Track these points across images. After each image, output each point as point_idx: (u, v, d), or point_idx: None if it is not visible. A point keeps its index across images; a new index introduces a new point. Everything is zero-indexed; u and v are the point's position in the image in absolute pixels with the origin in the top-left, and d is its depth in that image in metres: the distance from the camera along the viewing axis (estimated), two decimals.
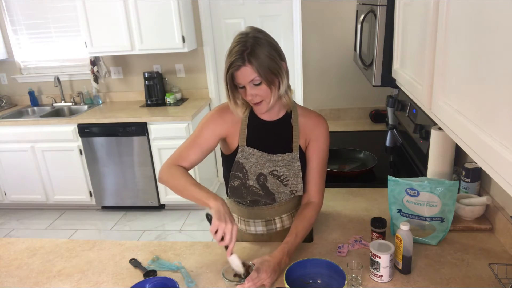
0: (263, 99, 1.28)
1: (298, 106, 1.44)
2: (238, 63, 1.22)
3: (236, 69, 1.23)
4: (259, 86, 1.25)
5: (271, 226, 1.47)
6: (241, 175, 1.39)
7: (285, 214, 1.47)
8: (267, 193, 1.41)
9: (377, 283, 1.20)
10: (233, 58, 1.22)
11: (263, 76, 1.23)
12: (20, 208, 3.95)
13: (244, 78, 1.24)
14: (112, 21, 3.41)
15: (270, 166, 1.37)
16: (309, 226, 1.37)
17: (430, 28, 0.98)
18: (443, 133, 1.52)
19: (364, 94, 3.24)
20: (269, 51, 1.23)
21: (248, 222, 1.49)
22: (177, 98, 3.80)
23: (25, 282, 1.34)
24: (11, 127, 3.58)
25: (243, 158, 1.38)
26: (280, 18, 3.57)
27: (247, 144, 1.39)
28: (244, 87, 1.27)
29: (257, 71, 1.22)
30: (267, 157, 1.37)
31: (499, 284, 1.15)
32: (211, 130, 1.39)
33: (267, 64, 1.23)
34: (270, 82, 1.25)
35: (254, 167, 1.38)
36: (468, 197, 1.49)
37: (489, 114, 0.69)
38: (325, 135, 1.42)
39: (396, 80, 1.47)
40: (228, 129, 1.40)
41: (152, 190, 3.59)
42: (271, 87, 1.26)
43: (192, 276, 1.29)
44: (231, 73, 1.24)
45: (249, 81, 1.24)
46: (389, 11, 1.48)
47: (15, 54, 4.06)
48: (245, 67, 1.22)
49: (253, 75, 1.23)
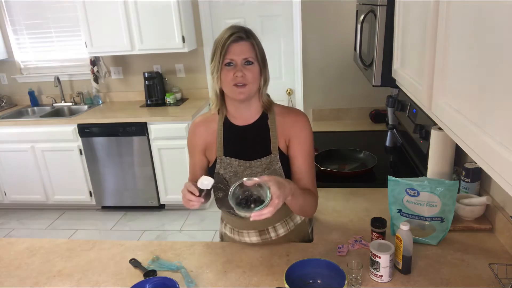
0: (249, 83, 1.24)
1: (276, 106, 1.39)
2: (240, 34, 1.22)
3: (236, 40, 1.21)
4: (250, 67, 1.24)
5: (265, 236, 1.44)
6: (223, 186, 1.36)
7: (278, 222, 1.43)
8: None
9: (377, 283, 1.20)
10: (234, 30, 1.22)
11: (259, 57, 1.24)
12: (20, 208, 3.95)
13: (242, 52, 1.22)
14: (112, 21, 3.41)
15: (250, 173, 1.33)
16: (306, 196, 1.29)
17: (430, 28, 0.98)
18: (443, 133, 1.52)
19: (364, 94, 3.24)
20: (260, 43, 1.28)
21: (242, 233, 1.46)
22: (177, 98, 3.80)
23: (25, 282, 1.34)
24: (11, 127, 3.58)
25: (222, 169, 1.35)
26: (280, 18, 3.57)
27: (225, 154, 1.36)
28: (232, 64, 1.23)
29: (256, 49, 1.24)
30: (246, 165, 1.34)
31: (499, 284, 1.15)
32: (195, 149, 1.41)
33: (262, 50, 1.27)
34: (262, 66, 1.26)
35: (234, 176, 1.34)
36: (468, 197, 1.49)
37: (489, 114, 0.69)
38: (306, 130, 1.35)
39: (396, 80, 1.47)
40: (205, 142, 1.39)
41: (152, 190, 3.59)
42: (261, 71, 1.27)
43: (192, 276, 1.29)
44: (228, 45, 1.21)
45: (243, 58, 1.23)
46: (389, 11, 1.48)
47: (15, 54, 4.06)
48: (245, 41, 1.22)
49: (250, 52, 1.23)
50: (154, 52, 3.58)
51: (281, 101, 3.75)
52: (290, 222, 1.45)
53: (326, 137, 2.62)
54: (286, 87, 3.75)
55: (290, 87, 3.72)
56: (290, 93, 3.72)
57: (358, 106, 3.17)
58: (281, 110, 1.37)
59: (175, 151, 3.40)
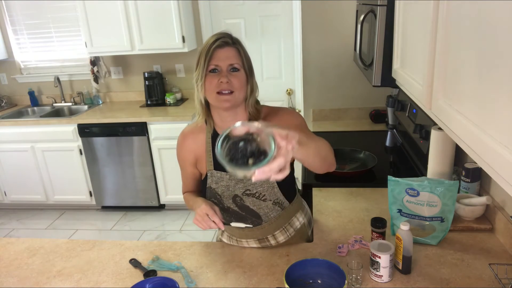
0: (234, 90, 1.18)
1: (263, 108, 1.31)
2: (226, 40, 1.18)
3: (221, 46, 1.17)
4: (236, 73, 1.19)
5: (265, 243, 1.43)
6: (216, 200, 1.34)
7: (277, 230, 1.41)
8: (249, 212, 1.35)
9: (377, 283, 1.20)
10: (220, 36, 1.18)
11: (245, 64, 1.20)
12: (20, 208, 3.95)
13: (227, 58, 1.18)
14: (112, 21, 3.41)
15: (242, 187, 1.30)
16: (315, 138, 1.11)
17: (430, 28, 0.98)
18: (443, 133, 1.52)
19: (364, 94, 3.24)
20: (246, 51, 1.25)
21: (241, 241, 1.45)
22: (177, 98, 3.80)
23: (25, 282, 1.34)
24: (11, 127, 3.58)
25: (214, 183, 1.32)
26: (280, 18, 3.57)
27: (215, 167, 1.31)
28: (217, 71, 1.18)
29: (242, 56, 1.20)
30: (236, 179, 1.29)
31: (499, 284, 1.15)
32: (185, 161, 1.40)
33: (249, 58, 1.23)
34: (249, 75, 1.22)
35: (226, 190, 1.31)
36: (468, 197, 1.49)
37: (489, 114, 0.69)
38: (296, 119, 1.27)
39: (396, 80, 1.47)
40: (195, 154, 1.36)
41: (152, 190, 3.59)
42: (247, 79, 1.22)
43: (192, 276, 1.29)
44: (213, 50, 1.16)
45: (229, 64, 1.18)
46: (389, 11, 1.48)
47: (15, 54, 4.06)
48: (231, 47, 1.19)
49: (236, 59, 1.19)
50: (154, 52, 3.57)
51: (281, 101, 3.77)
52: (290, 229, 1.43)
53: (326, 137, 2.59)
54: (286, 87, 3.75)
55: (290, 87, 3.72)
56: (290, 93, 3.72)
57: (358, 106, 3.17)
58: (267, 111, 1.31)
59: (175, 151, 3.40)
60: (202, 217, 1.23)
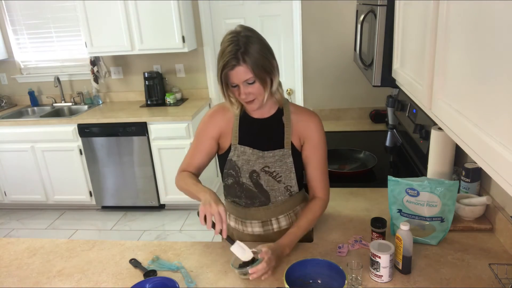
0: (256, 97, 1.30)
1: (291, 104, 1.45)
2: (233, 62, 1.22)
3: (231, 68, 1.23)
4: (253, 85, 1.27)
5: (268, 227, 1.47)
6: (234, 173, 1.41)
7: (282, 215, 1.46)
8: (261, 191, 1.41)
9: (377, 283, 1.20)
10: (228, 58, 1.22)
11: (257, 75, 1.25)
12: (20, 208, 3.95)
13: (239, 78, 1.24)
14: (112, 21, 3.41)
15: (262, 162, 1.38)
16: (314, 219, 1.41)
17: (430, 28, 0.98)
18: (443, 133, 1.52)
19: (364, 94, 3.24)
20: (261, 49, 1.25)
21: (245, 222, 1.49)
22: (177, 98, 3.80)
23: (25, 282, 1.34)
24: (11, 127, 3.58)
25: (236, 156, 1.40)
26: (280, 18, 3.57)
27: (239, 142, 1.40)
28: (237, 85, 1.28)
29: (252, 70, 1.23)
30: (258, 154, 1.38)
31: (499, 284, 1.15)
32: (207, 134, 1.44)
33: (261, 62, 1.24)
34: (263, 80, 1.27)
35: (246, 164, 1.39)
36: (468, 197, 1.49)
37: (489, 114, 0.69)
38: (319, 131, 1.42)
39: (396, 80, 1.47)
40: (221, 129, 1.43)
41: (152, 190, 3.59)
42: (264, 85, 1.28)
43: (192, 276, 1.29)
44: (225, 73, 1.25)
45: (244, 81, 1.25)
46: (389, 11, 1.48)
47: (15, 54, 4.06)
48: (240, 66, 1.23)
49: (247, 75, 1.24)
50: (154, 52, 3.57)
51: None
52: (294, 217, 1.48)
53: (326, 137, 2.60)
54: (286, 87, 3.75)
55: (290, 87, 3.72)
56: (290, 93, 3.72)
57: (358, 106, 3.17)
58: (295, 109, 1.43)
59: (175, 151, 3.40)
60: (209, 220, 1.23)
